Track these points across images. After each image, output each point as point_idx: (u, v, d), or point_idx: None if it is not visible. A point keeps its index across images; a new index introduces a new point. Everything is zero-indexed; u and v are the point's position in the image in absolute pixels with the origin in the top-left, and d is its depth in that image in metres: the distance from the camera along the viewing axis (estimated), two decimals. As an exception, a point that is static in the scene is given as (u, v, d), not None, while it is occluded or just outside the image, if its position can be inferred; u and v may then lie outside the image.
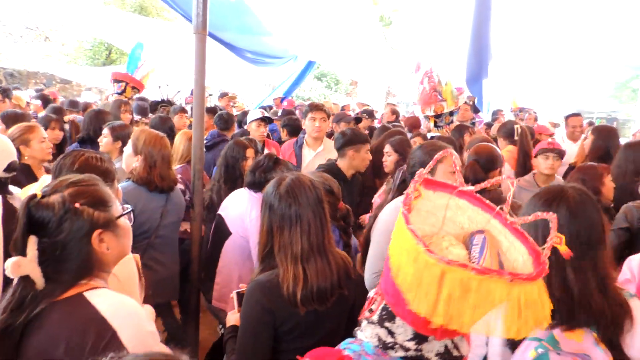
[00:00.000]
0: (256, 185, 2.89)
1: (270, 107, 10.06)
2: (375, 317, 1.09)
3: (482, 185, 1.06)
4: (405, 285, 0.89)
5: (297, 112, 7.90)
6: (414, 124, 6.43)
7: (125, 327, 1.29)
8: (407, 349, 1.04)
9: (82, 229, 1.33)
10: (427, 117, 5.99)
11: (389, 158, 3.61)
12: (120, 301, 1.36)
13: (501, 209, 1.08)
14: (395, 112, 8.11)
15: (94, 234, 1.34)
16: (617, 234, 2.63)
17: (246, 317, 1.77)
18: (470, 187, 1.08)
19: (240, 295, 1.97)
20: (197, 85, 3.00)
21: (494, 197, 1.97)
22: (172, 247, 3.09)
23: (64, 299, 1.30)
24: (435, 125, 5.89)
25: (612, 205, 3.04)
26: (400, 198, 2.18)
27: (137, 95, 7.56)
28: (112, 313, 1.30)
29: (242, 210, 2.87)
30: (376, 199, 3.33)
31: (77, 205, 1.33)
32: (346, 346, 1.13)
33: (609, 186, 2.98)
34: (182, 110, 6.23)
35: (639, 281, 1.97)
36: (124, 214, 1.45)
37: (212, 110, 6.53)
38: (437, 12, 20.19)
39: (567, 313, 1.38)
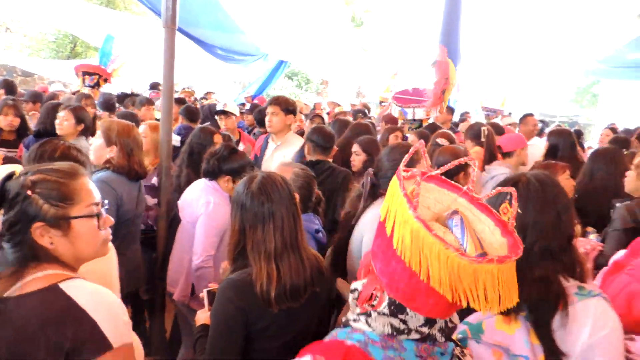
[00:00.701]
0: (210, 174, 2.88)
1: (243, 105, 9.99)
2: (385, 310, 1.10)
3: (447, 166, 1.09)
4: (444, 286, 0.95)
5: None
6: (392, 121, 6.46)
7: (105, 319, 1.29)
8: (421, 333, 1.09)
9: (26, 217, 1.32)
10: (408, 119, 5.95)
11: (358, 157, 3.62)
12: (97, 292, 1.34)
13: (467, 188, 1.12)
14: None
15: (33, 225, 1.32)
16: (625, 234, 2.61)
17: (217, 316, 1.75)
18: (437, 171, 1.11)
19: (210, 294, 1.95)
20: (165, 79, 2.96)
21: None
22: (138, 236, 3.07)
23: (36, 290, 1.28)
24: (410, 128, 5.88)
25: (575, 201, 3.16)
26: (377, 208, 2.20)
27: (102, 90, 7.36)
28: (91, 305, 1.29)
29: (193, 197, 2.87)
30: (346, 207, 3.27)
31: (29, 192, 1.32)
32: (346, 336, 1.12)
33: (564, 183, 3.06)
34: (149, 102, 6.08)
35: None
36: (82, 217, 1.39)
37: (180, 101, 6.35)
38: (408, 14, 20.46)
39: None
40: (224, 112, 5.08)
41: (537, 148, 5.15)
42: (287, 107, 3.95)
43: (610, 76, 11.25)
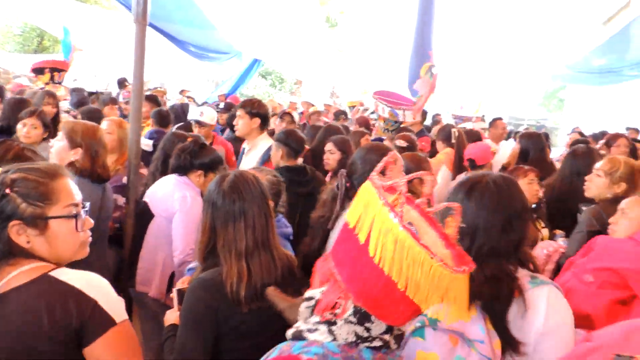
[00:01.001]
0: (181, 169, 2.86)
1: (217, 104, 9.88)
2: (350, 317, 1.09)
3: (410, 176, 1.13)
4: (420, 295, 0.98)
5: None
6: (365, 124, 6.50)
7: (103, 297, 1.34)
8: (383, 340, 1.10)
9: (3, 214, 1.34)
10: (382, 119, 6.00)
11: (332, 156, 3.60)
12: (88, 275, 1.38)
13: (428, 202, 1.15)
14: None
15: (10, 223, 1.33)
16: (589, 236, 2.65)
17: (187, 316, 1.73)
18: (390, 182, 1.11)
19: (180, 293, 1.92)
20: (135, 76, 2.90)
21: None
22: (104, 240, 2.97)
23: (29, 281, 1.31)
24: (386, 129, 5.93)
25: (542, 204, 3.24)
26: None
27: (74, 86, 7.17)
28: (87, 286, 1.34)
29: (166, 192, 2.83)
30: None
31: (7, 190, 1.34)
32: (302, 350, 1.10)
33: (527, 188, 3.11)
34: (113, 102, 5.93)
35: (594, 254, 2.11)
36: (59, 217, 1.40)
37: (152, 99, 6.13)
38: (382, 16, 20.64)
39: None
40: (199, 122, 4.99)
41: (504, 151, 5.28)
42: (252, 109, 3.83)
43: (576, 81, 11.59)
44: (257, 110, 3.85)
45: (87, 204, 1.53)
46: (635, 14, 6.98)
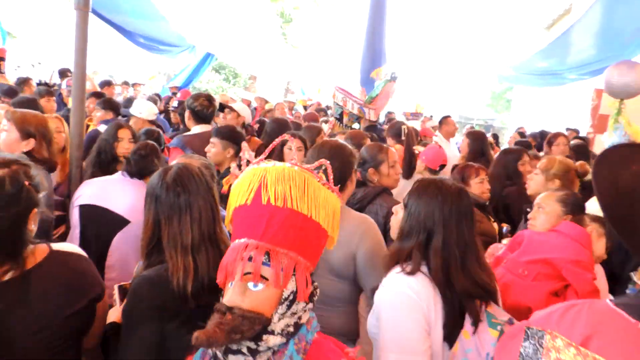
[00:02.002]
0: (141, 173, 2.76)
1: (170, 97, 9.63)
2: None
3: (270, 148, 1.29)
4: (322, 216, 1.15)
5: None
6: (313, 119, 6.57)
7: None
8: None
9: (29, 203, 1.53)
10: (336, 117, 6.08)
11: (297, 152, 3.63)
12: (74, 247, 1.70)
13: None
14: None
15: (33, 211, 1.54)
16: None
17: (131, 314, 1.67)
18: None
19: (122, 289, 1.86)
20: (77, 66, 2.78)
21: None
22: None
23: (45, 257, 1.59)
24: (347, 125, 6.00)
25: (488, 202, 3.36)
26: None
27: (18, 76, 6.81)
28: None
29: (137, 197, 2.71)
30: None
31: (27, 183, 1.52)
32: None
33: (477, 187, 3.24)
34: (49, 94, 5.67)
35: (524, 248, 2.22)
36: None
37: (98, 95, 6.00)
38: (337, 12, 20.73)
39: None
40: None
41: (454, 148, 5.49)
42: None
43: (520, 82, 12.08)
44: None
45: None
46: (576, 19, 7.33)
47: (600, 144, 6.77)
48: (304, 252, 1.13)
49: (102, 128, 4.07)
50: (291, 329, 1.12)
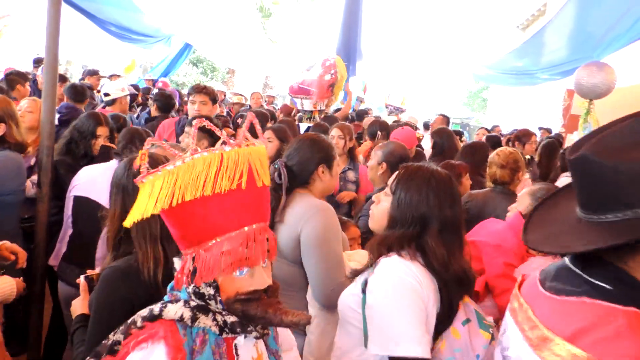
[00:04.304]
0: None
1: (149, 90, 9.49)
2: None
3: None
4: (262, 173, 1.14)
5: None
6: (287, 112, 6.64)
7: None
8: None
9: None
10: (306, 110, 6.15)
11: (270, 144, 3.61)
12: None
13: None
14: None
15: None
16: None
17: (100, 306, 1.64)
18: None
19: (89, 280, 1.83)
20: (48, 52, 2.72)
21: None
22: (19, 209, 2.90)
23: None
24: (309, 118, 6.08)
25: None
26: (304, 200, 2.14)
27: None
28: None
29: None
30: None
31: None
32: None
33: (465, 184, 3.36)
34: (22, 77, 5.55)
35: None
36: None
37: (62, 79, 5.93)
38: (316, 8, 20.69)
39: None
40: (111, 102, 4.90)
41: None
42: (214, 97, 4.05)
43: (495, 81, 12.28)
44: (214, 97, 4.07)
45: None
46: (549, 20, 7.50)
47: (571, 143, 6.94)
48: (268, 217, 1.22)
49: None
50: None
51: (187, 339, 1.15)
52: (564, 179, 3.70)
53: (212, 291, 1.18)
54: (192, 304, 1.20)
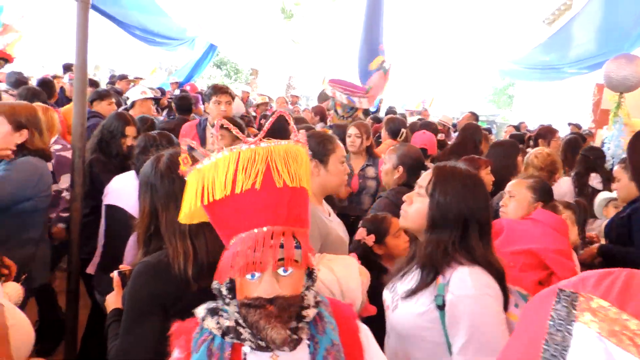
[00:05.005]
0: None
1: (168, 91, 9.68)
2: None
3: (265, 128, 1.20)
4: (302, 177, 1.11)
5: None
6: (321, 112, 6.67)
7: None
8: None
9: None
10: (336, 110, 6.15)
11: None
12: None
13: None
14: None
15: None
16: None
17: (133, 300, 1.68)
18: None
19: (122, 275, 1.88)
20: (78, 57, 2.81)
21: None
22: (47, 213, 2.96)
23: None
24: (342, 116, 6.06)
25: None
26: None
27: (9, 70, 6.81)
28: None
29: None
30: None
31: None
32: None
33: (486, 179, 3.31)
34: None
35: (504, 238, 2.23)
36: None
37: (92, 83, 6.13)
38: (337, 8, 20.67)
39: None
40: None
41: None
42: (234, 96, 4.05)
43: (521, 77, 12.07)
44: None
45: None
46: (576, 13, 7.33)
47: (602, 139, 6.78)
48: (308, 222, 1.14)
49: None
50: (318, 298, 1.19)
51: (196, 338, 1.17)
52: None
53: (225, 291, 1.16)
54: (210, 305, 1.22)
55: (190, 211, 1.11)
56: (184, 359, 1.15)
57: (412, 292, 1.66)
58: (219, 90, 4.04)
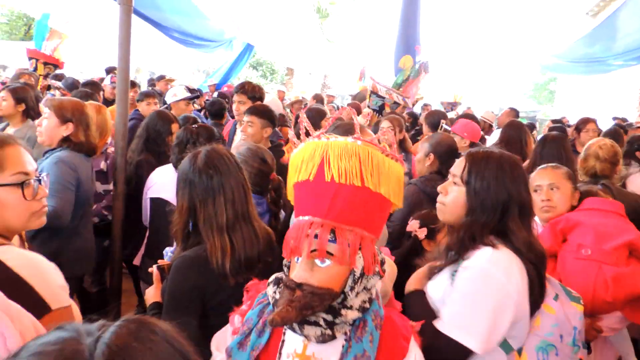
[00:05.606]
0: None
1: (206, 93, 9.85)
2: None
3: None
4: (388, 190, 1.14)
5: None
6: (357, 109, 6.67)
7: (40, 282, 1.26)
8: None
9: None
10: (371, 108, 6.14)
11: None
12: (30, 256, 1.33)
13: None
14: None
15: None
16: None
17: (173, 294, 1.72)
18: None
19: (161, 269, 1.93)
20: (121, 60, 2.90)
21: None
22: (91, 215, 3.02)
23: None
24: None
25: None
26: None
27: (57, 73, 7.11)
28: (25, 269, 1.26)
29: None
30: None
31: None
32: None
33: None
34: (96, 87, 5.94)
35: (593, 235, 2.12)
36: (5, 185, 1.38)
37: (133, 85, 6.28)
38: (372, 7, 20.56)
39: None
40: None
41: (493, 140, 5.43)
42: (254, 94, 3.87)
43: (564, 71, 11.68)
44: (258, 95, 3.93)
45: (44, 175, 1.52)
46: (622, 3, 7.03)
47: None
48: (369, 226, 1.14)
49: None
50: (367, 305, 1.17)
51: (259, 297, 1.30)
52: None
53: (285, 268, 1.21)
54: (279, 274, 1.28)
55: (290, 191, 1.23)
56: (246, 310, 1.29)
57: (432, 271, 1.66)
58: (236, 89, 4.05)
